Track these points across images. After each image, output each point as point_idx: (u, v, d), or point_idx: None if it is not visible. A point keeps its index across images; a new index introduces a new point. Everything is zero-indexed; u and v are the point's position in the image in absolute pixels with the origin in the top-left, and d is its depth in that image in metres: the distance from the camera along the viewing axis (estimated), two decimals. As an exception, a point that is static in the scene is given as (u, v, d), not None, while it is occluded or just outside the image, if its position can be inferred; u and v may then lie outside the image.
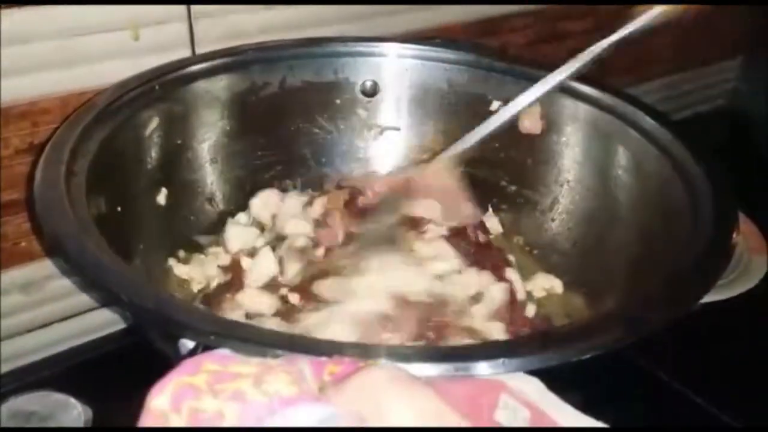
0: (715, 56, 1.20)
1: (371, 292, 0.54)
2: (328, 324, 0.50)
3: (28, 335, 0.66)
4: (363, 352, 0.35)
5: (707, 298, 0.66)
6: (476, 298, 0.56)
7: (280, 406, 0.27)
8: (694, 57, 1.16)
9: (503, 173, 0.70)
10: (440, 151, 0.66)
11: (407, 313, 0.52)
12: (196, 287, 0.60)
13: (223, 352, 0.31)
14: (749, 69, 1.23)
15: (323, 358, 0.31)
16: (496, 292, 0.57)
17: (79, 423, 0.50)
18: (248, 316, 0.54)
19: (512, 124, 0.66)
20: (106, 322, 0.69)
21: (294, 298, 0.55)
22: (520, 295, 0.59)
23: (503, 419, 0.31)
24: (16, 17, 0.55)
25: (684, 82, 1.17)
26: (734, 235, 0.48)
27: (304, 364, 0.31)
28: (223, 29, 0.66)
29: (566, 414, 0.33)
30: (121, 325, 0.70)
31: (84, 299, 0.68)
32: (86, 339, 0.69)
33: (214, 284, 0.59)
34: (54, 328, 0.67)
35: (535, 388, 0.33)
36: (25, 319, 0.65)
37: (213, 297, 0.57)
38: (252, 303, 0.56)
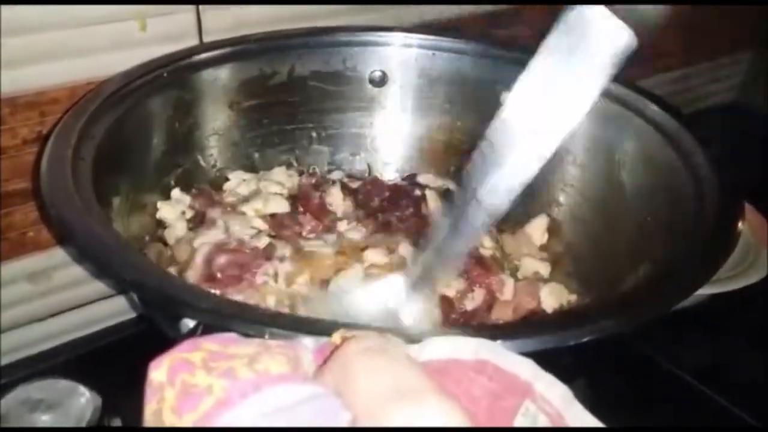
0: (723, 51, 1.19)
1: None
2: None
3: (35, 325, 0.66)
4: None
5: (716, 290, 0.66)
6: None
7: (265, 383, 0.27)
8: (701, 51, 1.15)
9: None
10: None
11: None
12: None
13: (227, 335, 0.31)
14: (757, 64, 1.22)
15: (326, 345, 0.31)
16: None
17: (88, 410, 0.49)
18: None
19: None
20: (114, 312, 0.70)
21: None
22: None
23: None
24: (24, 7, 0.55)
25: (691, 76, 1.16)
26: (739, 224, 0.47)
27: (306, 351, 0.31)
28: (231, 19, 0.66)
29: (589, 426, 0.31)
30: (129, 315, 0.70)
31: (92, 289, 0.68)
32: (94, 329, 0.69)
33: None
34: (61, 318, 0.67)
35: (561, 395, 0.31)
36: (32, 308, 0.65)
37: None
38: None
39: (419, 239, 0.61)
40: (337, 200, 0.67)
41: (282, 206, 0.63)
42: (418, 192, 0.68)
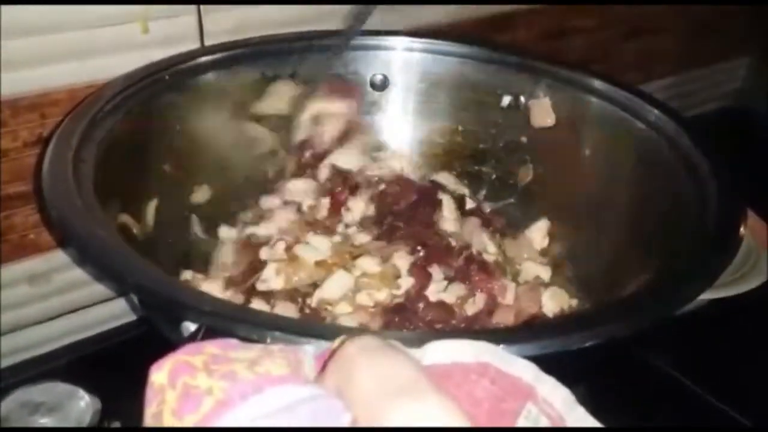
0: (722, 56, 1.20)
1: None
2: None
3: (35, 327, 0.66)
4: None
5: (717, 295, 0.66)
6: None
7: (266, 383, 0.27)
8: (700, 56, 1.15)
9: (512, 166, 0.70)
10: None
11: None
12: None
13: (230, 340, 0.31)
14: (755, 69, 1.23)
15: (326, 352, 0.31)
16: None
17: (88, 413, 0.50)
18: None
19: (523, 119, 0.66)
20: (113, 314, 0.70)
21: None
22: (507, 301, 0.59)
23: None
24: (25, 9, 0.55)
25: (690, 81, 1.16)
26: (741, 228, 0.47)
27: (307, 356, 0.31)
28: (233, 22, 0.66)
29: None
30: (128, 318, 0.70)
31: (92, 292, 0.68)
32: (94, 331, 0.69)
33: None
34: (61, 321, 0.67)
35: (563, 398, 0.31)
36: (32, 311, 0.65)
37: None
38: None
39: (417, 247, 0.61)
40: (357, 207, 0.66)
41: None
42: (440, 195, 0.67)
